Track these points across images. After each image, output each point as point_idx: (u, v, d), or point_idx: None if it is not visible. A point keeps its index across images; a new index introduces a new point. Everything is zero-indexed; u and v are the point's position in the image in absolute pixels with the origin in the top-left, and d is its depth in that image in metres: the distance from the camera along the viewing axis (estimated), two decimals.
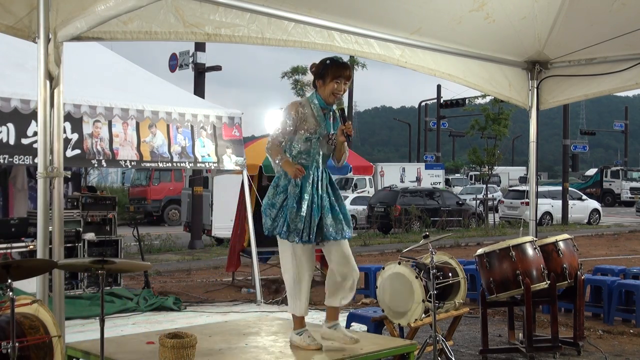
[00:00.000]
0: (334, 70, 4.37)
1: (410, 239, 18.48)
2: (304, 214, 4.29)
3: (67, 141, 7.27)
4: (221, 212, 16.27)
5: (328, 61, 4.43)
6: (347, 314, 6.46)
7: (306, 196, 4.33)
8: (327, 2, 5.09)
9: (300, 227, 4.30)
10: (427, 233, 5.55)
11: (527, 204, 7.85)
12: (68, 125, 7.29)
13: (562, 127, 27.76)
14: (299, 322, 4.54)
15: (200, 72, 17.52)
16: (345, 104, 4.68)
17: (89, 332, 6.82)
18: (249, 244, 9.41)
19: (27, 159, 6.99)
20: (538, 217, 12.49)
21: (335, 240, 4.42)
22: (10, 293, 3.39)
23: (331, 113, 4.49)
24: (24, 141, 7.00)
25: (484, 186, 27.48)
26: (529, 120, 7.14)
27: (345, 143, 4.43)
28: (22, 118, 7.02)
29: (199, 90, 17.05)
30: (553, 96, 7.17)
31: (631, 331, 7.21)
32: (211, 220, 17.31)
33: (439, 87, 40.10)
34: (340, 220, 4.41)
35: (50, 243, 4.40)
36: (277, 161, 4.35)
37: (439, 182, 33.85)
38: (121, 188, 32.29)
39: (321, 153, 4.44)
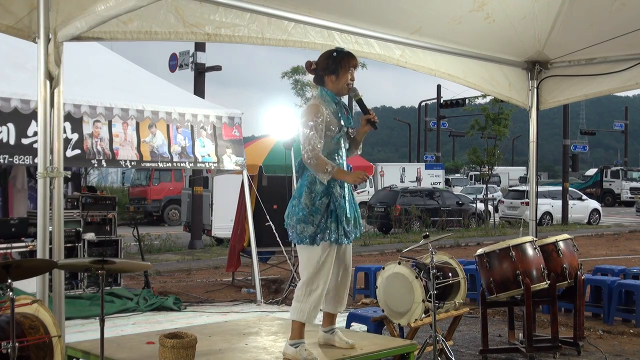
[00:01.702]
0: (347, 61, 4.28)
1: (410, 239, 18.48)
2: (351, 214, 4.25)
3: (67, 141, 7.27)
4: (221, 212, 16.28)
5: (335, 53, 4.30)
6: (347, 314, 6.46)
7: (347, 196, 4.26)
8: (327, 2, 5.09)
9: (351, 228, 4.26)
10: (427, 233, 5.55)
11: (527, 204, 7.85)
12: (68, 125, 7.29)
13: (562, 127, 27.76)
14: (298, 332, 4.26)
15: (200, 72, 17.51)
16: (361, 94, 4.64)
17: (89, 332, 6.82)
18: (249, 244, 9.41)
19: (27, 159, 6.99)
20: (538, 217, 12.49)
21: (348, 243, 4.39)
22: (10, 293, 3.39)
23: (342, 106, 4.38)
24: (24, 141, 7.00)
25: (484, 186, 27.49)
26: (529, 120, 7.14)
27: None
28: (22, 118, 7.02)
29: (199, 90, 17.05)
30: (553, 96, 7.17)
31: (631, 331, 7.21)
32: (211, 220, 17.31)
33: (439, 87, 40.12)
34: (359, 220, 4.40)
35: (50, 243, 4.40)
36: (328, 170, 4.11)
37: (439, 182, 33.86)
38: (121, 188, 32.28)
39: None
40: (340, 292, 4.52)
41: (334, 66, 4.26)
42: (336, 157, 4.29)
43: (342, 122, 4.32)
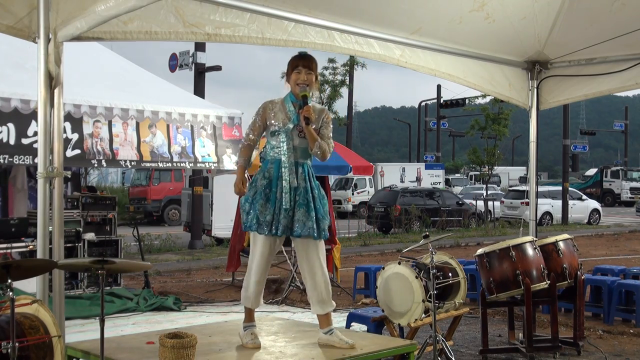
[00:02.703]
0: (291, 63, 4.55)
1: (410, 239, 18.49)
2: (272, 207, 4.39)
3: (67, 141, 7.26)
4: (221, 212, 16.28)
5: (290, 58, 4.62)
6: (347, 314, 6.47)
7: (274, 189, 4.42)
8: (327, 2, 5.09)
9: (269, 219, 4.39)
10: (427, 233, 5.55)
11: (527, 204, 7.85)
12: (68, 125, 7.28)
13: (562, 127, 27.76)
14: (247, 315, 4.67)
15: (200, 72, 17.51)
16: (311, 95, 4.71)
17: (89, 332, 6.82)
18: (249, 244, 9.39)
19: (27, 159, 6.98)
20: (538, 217, 12.49)
21: (303, 239, 4.45)
22: (10, 293, 3.39)
23: (300, 107, 4.50)
24: (24, 141, 6.99)
25: (484, 186, 27.49)
26: (529, 120, 7.14)
27: (313, 131, 4.40)
28: (22, 118, 7.01)
29: (199, 90, 17.04)
30: (553, 96, 7.17)
31: (631, 331, 7.21)
32: (211, 220, 17.31)
33: (439, 87, 40.17)
34: (312, 218, 4.42)
35: (50, 243, 4.40)
36: (237, 162, 4.62)
37: (439, 182, 33.87)
38: (121, 188, 32.28)
39: (293, 146, 4.46)
40: (312, 292, 4.55)
41: (287, 69, 4.59)
42: (277, 151, 4.50)
43: (291, 121, 4.48)
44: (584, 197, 28.51)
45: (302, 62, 4.50)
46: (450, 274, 5.85)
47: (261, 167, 4.57)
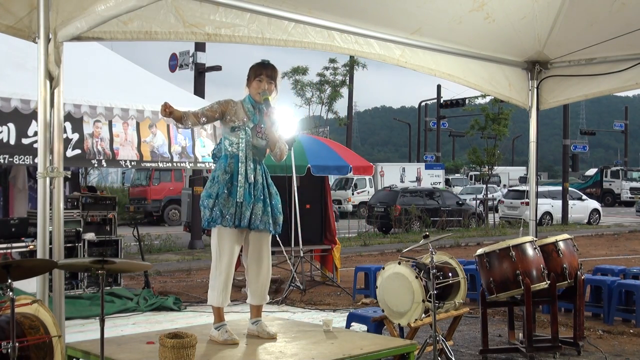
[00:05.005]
0: (254, 70, 4.70)
1: (410, 239, 18.48)
2: (235, 199, 4.51)
3: (67, 141, 7.26)
4: None
5: (253, 64, 4.76)
6: (347, 314, 6.46)
7: (236, 182, 4.54)
8: (327, 2, 5.09)
9: (232, 211, 4.51)
10: (427, 233, 5.55)
11: (527, 204, 7.85)
12: (69, 125, 7.28)
13: (562, 127, 27.78)
14: (217, 316, 4.72)
15: (200, 72, 17.51)
16: (270, 104, 4.90)
17: (89, 332, 6.83)
18: None
19: (27, 159, 6.98)
20: (538, 217, 12.49)
21: (257, 232, 4.63)
22: (10, 293, 3.39)
23: (259, 110, 4.70)
24: (25, 141, 7.00)
25: (484, 186, 27.50)
26: (529, 120, 7.14)
27: (278, 138, 4.66)
28: (22, 118, 7.01)
29: (199, 90, 17.04)
30: (553, 96, 7.17)
31: (631, 331, 7.22)
32: None
33: (439, 87, 40.16)
34: (268, 213, 4.63)
35: (50, 243, 4.40)
36: (183, 115, 4.49)
37: (439, 182, 33.88)
38: (121, 188, 32.29)
39: (252, 145, 4.62)
40: (254, 284, 4.77)
41: (248, 74, 4.75)
42: (236, 147, 4.60)
43: (250, 120, 4.65)
44: (584, 197, 28.51)
45: (265, 71, 4.67)
46: (450, 274, 5.85)
47: (220, 163, 4.66)
